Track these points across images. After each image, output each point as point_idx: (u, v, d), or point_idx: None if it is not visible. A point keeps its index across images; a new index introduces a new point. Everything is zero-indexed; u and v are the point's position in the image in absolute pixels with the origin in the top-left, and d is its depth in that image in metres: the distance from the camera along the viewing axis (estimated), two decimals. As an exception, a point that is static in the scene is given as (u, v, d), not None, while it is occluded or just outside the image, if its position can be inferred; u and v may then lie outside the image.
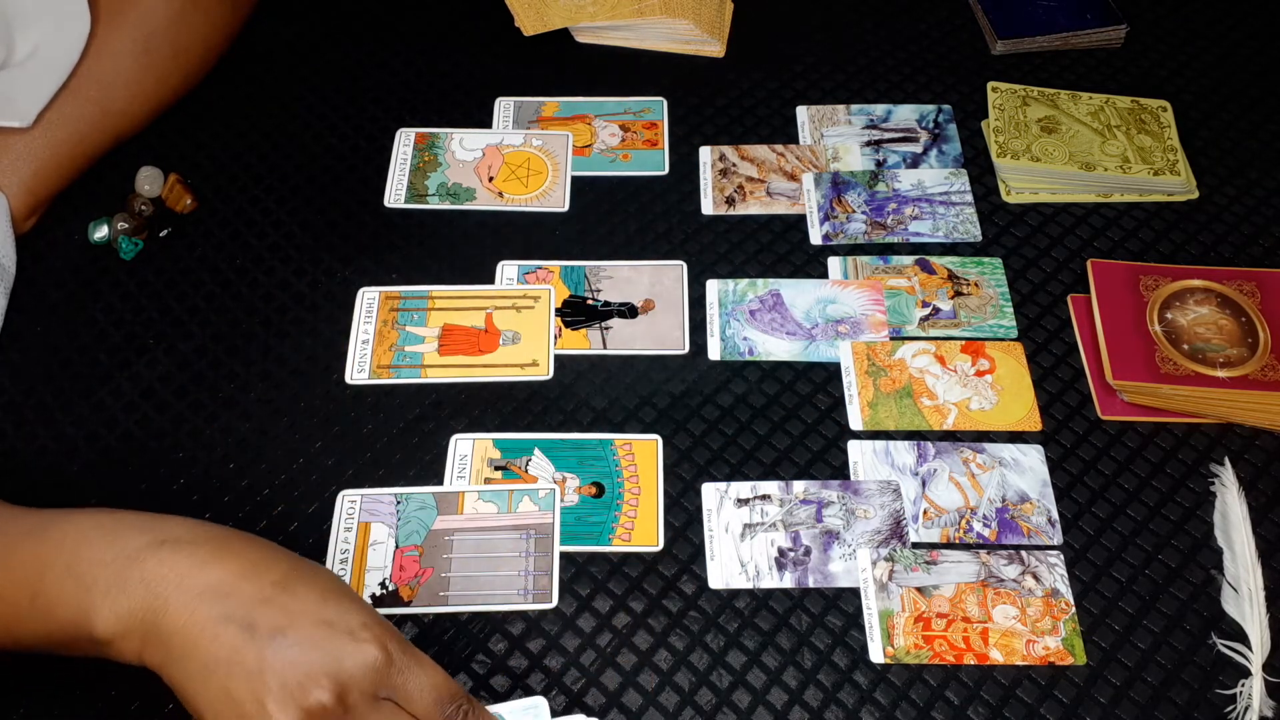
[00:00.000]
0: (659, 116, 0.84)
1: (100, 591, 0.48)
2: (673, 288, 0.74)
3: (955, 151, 0.82)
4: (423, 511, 0.63)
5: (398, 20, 0.91)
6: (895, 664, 0.59)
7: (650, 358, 0.70)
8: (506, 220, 0.77)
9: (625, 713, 0.57)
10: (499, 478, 0.65)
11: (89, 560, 0.49)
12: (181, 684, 0.48)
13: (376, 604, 0.60)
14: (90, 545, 0.50)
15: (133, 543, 0.49)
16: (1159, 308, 0.71)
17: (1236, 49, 0.90)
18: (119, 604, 0.48)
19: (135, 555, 0.49)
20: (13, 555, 0.50)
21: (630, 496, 0.64)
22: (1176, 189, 0.79)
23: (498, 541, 0.62)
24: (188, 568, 0.48)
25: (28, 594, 0.49)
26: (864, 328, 0.72)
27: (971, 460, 0.66)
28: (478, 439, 0.67)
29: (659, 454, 0.66)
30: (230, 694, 0.46)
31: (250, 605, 0.48)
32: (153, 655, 0.48)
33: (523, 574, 0.61)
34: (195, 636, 0.47)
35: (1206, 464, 0.66)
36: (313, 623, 0.48)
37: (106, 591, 0.48)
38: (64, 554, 0.49)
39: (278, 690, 0.46)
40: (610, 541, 0.63)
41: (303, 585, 0.49)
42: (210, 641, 0.47)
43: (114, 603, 0.48)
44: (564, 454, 0.66)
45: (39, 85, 0.72)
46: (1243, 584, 0.61)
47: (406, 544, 0.62)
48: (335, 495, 0.64)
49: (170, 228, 0.76)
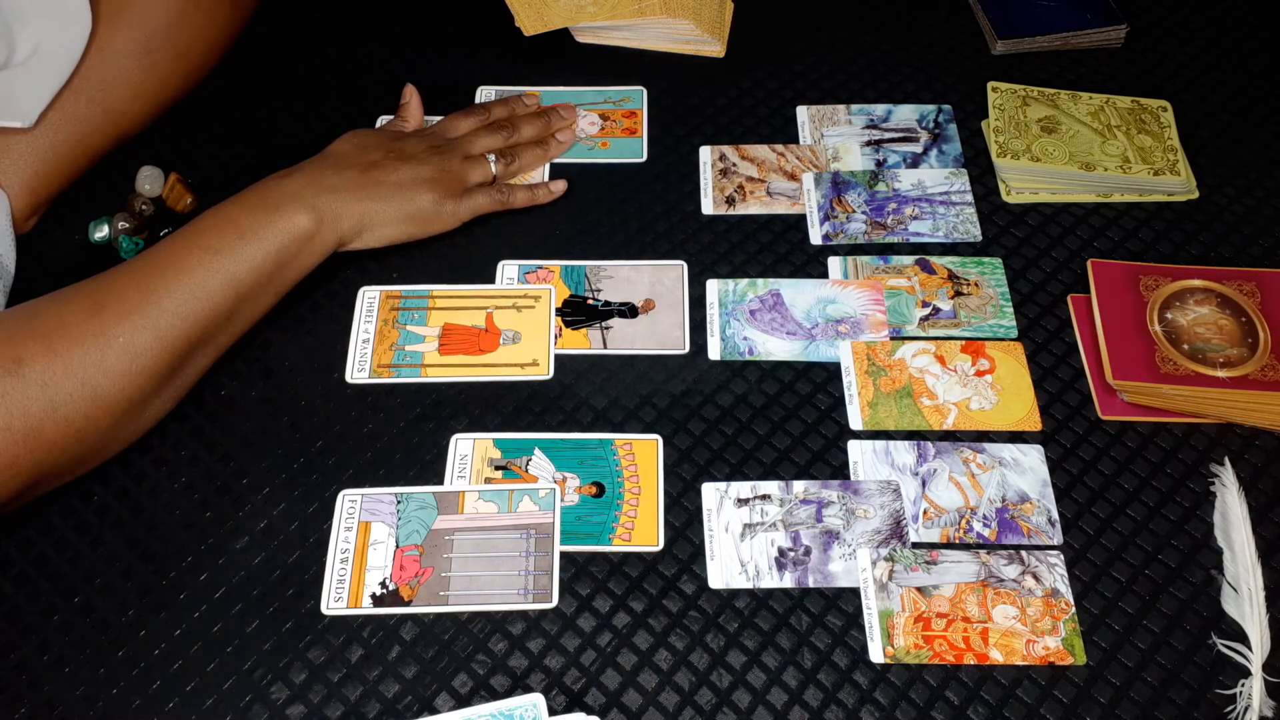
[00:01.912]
0: (638, 105, 0.84)
1: (286, 213, 0.67)
2: (673, 287, 0.74)
3: (955, 151, 0.82)
4: (423, 511, 0.63)
5: (399, 20, 0.91)
6: (895, 664, 0.59)
7: (650, 357, 0.70)
8: (507, 218, 0.77)
9: (625, 713, 0.57)
10: (499, 477, 0.65)
11: (261, 199, 0.67)
12: (376, 214, 0.71)
13: (377, 604, 0.60)
14: (250, 195, 0.68)
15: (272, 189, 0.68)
16: (1159, 308, 0.71)
17: (1236, 49, 0.90)
18: (303, 208, 0.67)
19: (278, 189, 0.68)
20: (195, 230, 0.65)
21: (630, 496, 0.64)
22: (1176, 189, 0.79)
23: (498, 541, 0.62)
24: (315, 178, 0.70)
25: (235, 235, 0.65)
26: (864, 328, 0.72)
27: (971, 460, 0.66)
28: (478, 439, 0.67)
29: (659, 454, 0.66)
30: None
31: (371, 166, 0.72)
32: (346, 226, 0.70)
33: (523, 574, 0.61)
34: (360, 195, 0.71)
35: (1206, 464, 0.66)
36: None
37: (289, 210, 0.67)
38: (232, 210, 0.66)
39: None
40: (610, 541, 0.63)
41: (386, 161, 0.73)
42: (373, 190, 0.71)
43: (299, 209, 0.67)
44: (564, 454, 0.66)
45: (40, 85, 0.72)
46: (1243, 584, 0.61)
47: (407, 543, 0.62)
48: (335, 495, 0.64)
49: (171, 227, 0.76)
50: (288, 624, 0.60)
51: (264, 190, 0.68)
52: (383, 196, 0.71)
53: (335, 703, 0.57)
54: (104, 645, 0.59)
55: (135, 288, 0.61)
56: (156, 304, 0.61)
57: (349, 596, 0.60)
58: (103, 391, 0.59)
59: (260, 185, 0.68)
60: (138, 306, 0.61)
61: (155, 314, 0.61)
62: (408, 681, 0.58)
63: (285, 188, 0.68)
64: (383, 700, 0.57)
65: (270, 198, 0.67)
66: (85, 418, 0.58)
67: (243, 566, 0.62)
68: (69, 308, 0.60)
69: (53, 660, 0.58)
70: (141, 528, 0.63)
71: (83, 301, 0.60)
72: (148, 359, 0.60)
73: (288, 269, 0.67)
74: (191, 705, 0.57)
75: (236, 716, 0.57)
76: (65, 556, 0.62)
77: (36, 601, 0.60)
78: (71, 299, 0.61)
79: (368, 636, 0.59)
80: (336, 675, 0.58)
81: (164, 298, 0.61)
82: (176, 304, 0.62)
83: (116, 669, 0.58)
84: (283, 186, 0.68)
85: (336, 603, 0.60)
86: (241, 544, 0.62)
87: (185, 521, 0.63)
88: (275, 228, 0.66)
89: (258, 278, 0.65)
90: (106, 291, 0.61)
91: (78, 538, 0.62)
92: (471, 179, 0.75)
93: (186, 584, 0.61)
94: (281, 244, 0.66)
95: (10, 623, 0.60)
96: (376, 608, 0.60)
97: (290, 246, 0.66)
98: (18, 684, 0.57)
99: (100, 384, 0.59)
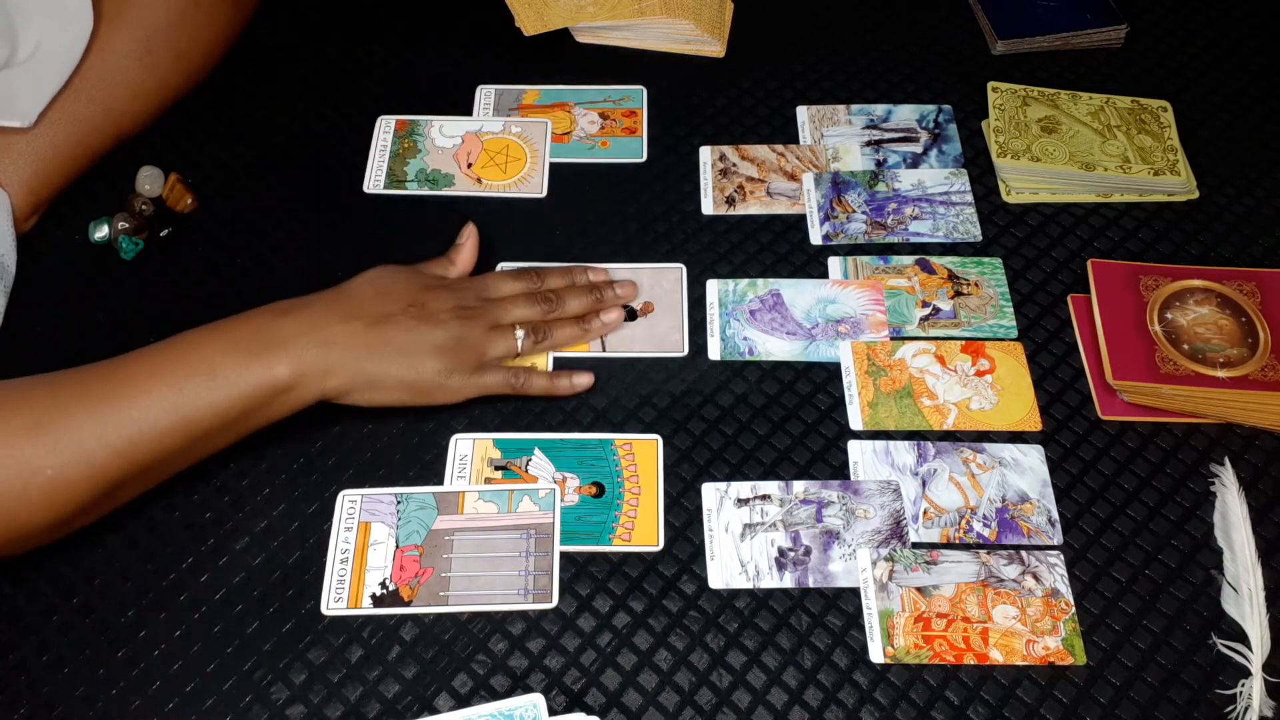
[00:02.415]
0: (638, 104, 0.84)
1: (265, 360, 0.60)
2: (672, 290, 0.74)
3: (955, 151, 0.82)
4: (423, 511, 0.63)
5: (399, 20, 0.91)
6: (895, 664, 0.59)
7: (649, 360, 0.70)
8: (506, 218, 0.77)
9: (625, 713, 0.57)
10: (499, 478, 0.65)
11: (245, 339, 0.61)
12: (373, 376, 0.63)
13: (377, 604, 0.60)
14: (238, 328, 0.62)
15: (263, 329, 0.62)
16: (1159, 308, 0.71)
17: (1236, 49, 0.90)
18: (287, 359, 0.61)
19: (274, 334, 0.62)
20: (165, 355, 0.60)
21: (630, 496, 0.64)
22: (1176, 189, 0.79)
23: (498, 541, 0.62)
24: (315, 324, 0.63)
25: (205, 373, 0.59)
26: (864, 328, 0.72)
27: (971, 460, 0.66)
28: (478, 439, 0.67)
29: (659, 454, 0.66)
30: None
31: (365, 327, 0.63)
32: (334, 384, 0.63)
33: (523, 574, 0.61)
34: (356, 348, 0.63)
35: (1206, 464, 0.66)
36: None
37: (270, 358, 0.60)
38: (212, 342, 0.60)
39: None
40: (610, 541, 0.63)
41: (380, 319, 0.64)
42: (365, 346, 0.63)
43: (282, 359, 0.61)
44: (564, 454, 0.66)
45: (41, 85, 0.72)
46: (1243, 584, 0.61)
47: (407, 544, 0.62)
48: (335, 495, 0.64)
49: (171, 227, 0.76)
50: (288, 624, 0.60)
51: (254, 326, 0.62)
52: (384, 358, 0.63)
53: (335, 703, 0.57)
54: (104, 645, 0.59)
55: (82, 408, 0.56)
56: (98, 436, 0.56)
57: (349, 597, 0.60)
58: (16, 517, 0.55)
59: (255, 317, 0.62)
60: (77, 436, 0.56)
61: (94, 447, 0.56)
62: (408, 681, 0.58)
63: (277, 330, 0.61)
64: (383, 700, 0.57)
65: (255, 339, 0.61)
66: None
67: (243, 567, 0.62)
68: (3, 416, 0.56)
69: (52, 660, 0.58)
70: (141, 528, 0.63)
71: (21, 416, 0.56)
72: (74, 492, 0.56)
73: (255, 416, 0.61)
74: (191, 705, 0.57)
75: (236, 716, 0.57)
76: (65, 556, 0.62)
77: (36, 601, 0.60)
78: (10, 408, 0.56)
79: (368, 637, 0.59)
80: (336, 675, 0.58)
81: (108, 430, 0.56)
82: (120, 439, 0.57)
83: (116, 669, 0.58)
84: (275, 328, 0.61)
85: (336, 603, 0.60)
86: (241, 544, 0.62)
87: (185, 521, 0.63)
88: (250, 375, 0.59)
89: (218, 423, 0.59)
90: (50, 407, 0.56)
91: (78, 538, 0.62)
92: (491, 353, 0.67)
93: (186, 584, 0.61)
94: (253, 393, 0.60)
95: (10, 623, 0.60)
96: (376, 608, 0.60)
97: (261, 396, 0.60)
98: (17, 684, 0.57)
99: (15, 510, 0.55)
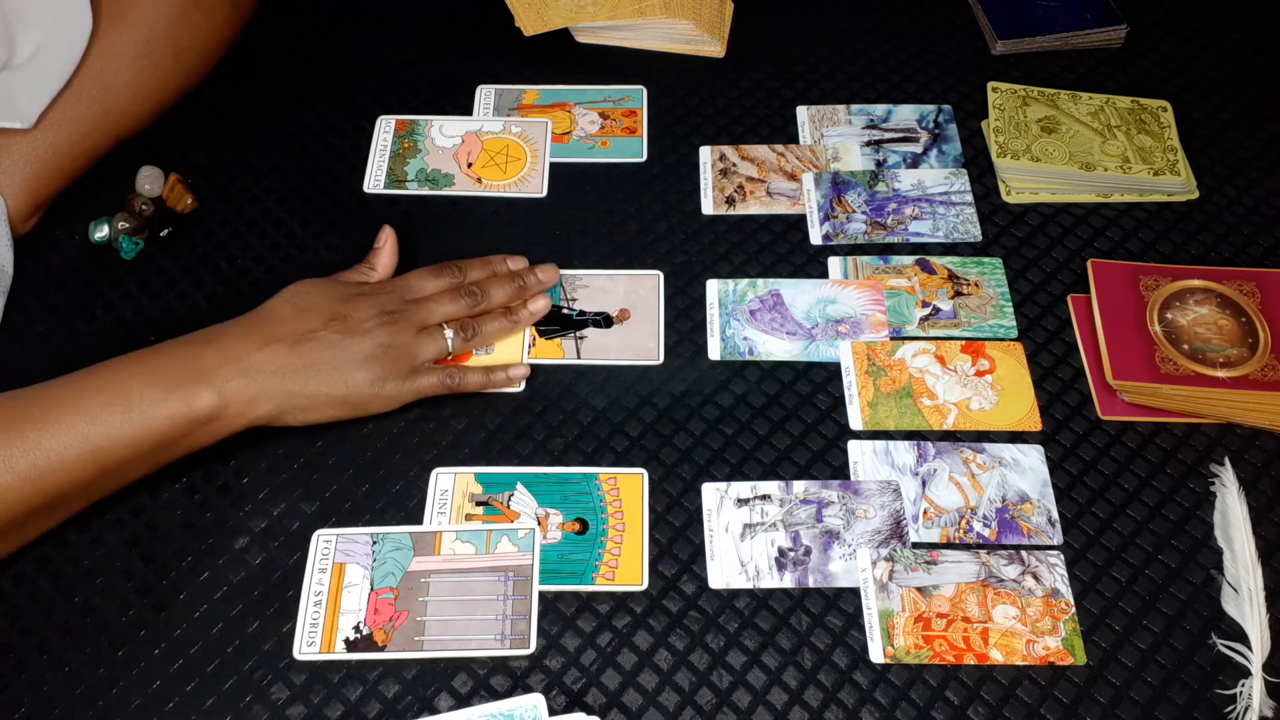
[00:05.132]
0: (638, 104, 0.84)
1: (185, 392, 0.59)
2: (648, 297, 0.73)
3: (955, 151, 0.82)
4: (399, 552, 0.62)
5: (399, 20, 0.91)
6: (895, 664, 0.59)
7: (624, 368, 0.70)
8: (503, 218, 0.77)
9: (625, 713, 0.57)
10: (480, 514, 0.64)
11: (164, 370, 0.59)
12: (302, 398, 0.62)
13: (350, 648, 0.59)
14: (158, 359, 0.60)
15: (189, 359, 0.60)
16: (1159, 308, 0.71)
17: (1236, 49, 0.90)
18: (209, 390, 0.59)
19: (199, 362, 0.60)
20: (82, 384, 0.58)
21: (614, 533, 0.63)
22: (1176, 189, 0.79)
23: (474, 584, 0.61)
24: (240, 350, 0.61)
25: (120, 405, 0.57)
26: (864, 328, 0.72)
27: (971, 460, 0.66)
28: (459, 473, 0.65)
29: (644, 489, 0.65)
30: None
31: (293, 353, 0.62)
32: (262, 410, 0.61)
33: (500, 618, 0.60)
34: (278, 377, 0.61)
35: (1206, 464, 0.66)
36: None
37: (190, 390, 0.59)
38: (130, 373, 0.59)
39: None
40: (593, 580, 0.61)
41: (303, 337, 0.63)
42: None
43: (204, 391, 0.59)
44: (547, 488, 0.65)
45: (40, 86, 0.72)
46: (1243, 584, 0.61)
47: (382, 585, 0.61)
48: (335, 495, 0.64)
49: (171, 227, 0.76)
50: (288, 624, 0.60)
51: (175, 357, 0.60)
52: (311, 378, 0.62)
53: (335, 703, 0.57)
54: (104, 645, 0.59)
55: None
56: (4, 461, 0.55)
57: (321, 641, 0.59)
58: None
59: (176, 347, 0.61)
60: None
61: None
62: (408, 682, 0.58)
63: (200, 361, 0.60)
64: (383, 700, 0.57)
65: (175, 370, 0.59)
66: None
67: (243, 567, 0.62)
68: None
69: (52, 660, 0.58)
70: (141, 528, 0.63)
71: None
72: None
73: (173, 447, 0.60)
74: (191, 705, 0.57)
75: (237, 716, 0.57)
76: (65, 556, 0.62)
77: (36, 601, 0.60)
78: None
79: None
80: (336, 675, 0.58)
81: (15, 455, 0.55)
82: (27, 466, 0.55)
83: (116, 669, 0.58)
84: (197, 358, 0.60)
85: (309, 648, 0.59)
86: (241, 544, 0.62)
87: (185, 521, 0.63)
88: (167, 407, 0.58)
89: (132, 454, 0.58)
90: None
91: (78, 538, 0.62)
92: (422, 356, 0.65)
93: (186, 584, 0.61)
94: (170, 425, 0.58)
95: (10, 622, 0.60)
96: (350, 653, 0.59)
97: (179, 428, 0.59)
98: (18, 684, 0.57)
99: None
